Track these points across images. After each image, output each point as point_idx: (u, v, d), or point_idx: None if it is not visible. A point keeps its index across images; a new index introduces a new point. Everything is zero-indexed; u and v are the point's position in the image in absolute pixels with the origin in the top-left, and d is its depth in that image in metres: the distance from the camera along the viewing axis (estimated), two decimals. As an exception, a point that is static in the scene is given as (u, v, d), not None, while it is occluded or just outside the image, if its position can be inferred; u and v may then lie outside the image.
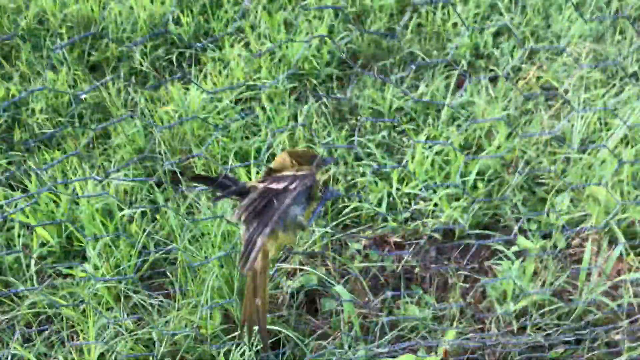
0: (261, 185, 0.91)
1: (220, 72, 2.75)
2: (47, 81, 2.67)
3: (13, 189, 2.20)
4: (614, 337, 1.64)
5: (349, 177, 2.21)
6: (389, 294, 1.70)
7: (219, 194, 0.92)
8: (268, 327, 1.62)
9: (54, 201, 2.04)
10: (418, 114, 2.45)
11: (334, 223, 2.02)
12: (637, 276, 1.72)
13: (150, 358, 1.50)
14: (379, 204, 2.10)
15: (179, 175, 2.25)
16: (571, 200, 2.06)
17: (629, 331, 1.62)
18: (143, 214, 2.08)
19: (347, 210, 2.07)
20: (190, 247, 1.81)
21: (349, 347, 1.63)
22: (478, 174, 2.14)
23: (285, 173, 0.93)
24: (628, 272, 1.77)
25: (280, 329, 1.63)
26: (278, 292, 1.79)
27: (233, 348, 1.55)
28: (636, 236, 1.90)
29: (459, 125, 2.37)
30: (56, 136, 2.49)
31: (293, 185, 0.88)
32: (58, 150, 2.39)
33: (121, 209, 2.01)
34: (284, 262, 1.87)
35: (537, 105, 2.49)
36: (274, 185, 0.89)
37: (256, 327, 0.91)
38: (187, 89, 2.59)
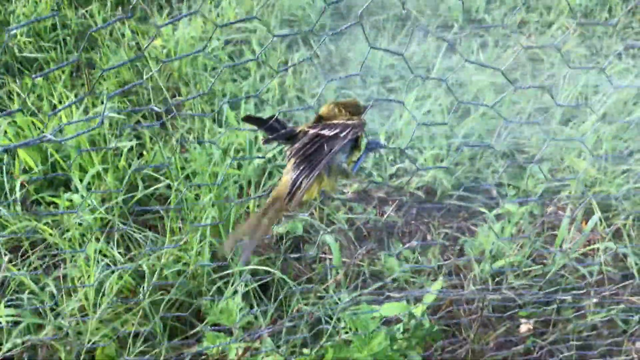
0: (312, 131, 0.93)
1: (210, 11, 2.69)
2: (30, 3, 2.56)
3: (-7, 112, 2.14)
4: (582, 302, 1.74)
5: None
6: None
7: (269, 136, 0.93)
8: (257, 266, 1.65)
9: (38, 127, 2.00)
10: (408, 72, 2.47)
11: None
12: (608, 246, 1.82)
13: (140, 290, 1.52)
14: (365, 160, 2.13)
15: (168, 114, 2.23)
16: (550, 170, 2.14)
17: (596, 297, 1.72)
18: (129, 150, 2.06)
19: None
20: (180, 187, 1.81)
21: (333, 292, 1.68)
22: (464, 137, 2.19)
23: (336, 121, 0.94)
24: (600, 242, 1.87)
25: (268, 269, 1.67)
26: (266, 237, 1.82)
27: (222, 285, 1.59)
28: (609, 209, 2.00)
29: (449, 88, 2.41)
30: (39, 60, 2.41)
31: (344, 133, 0.90)
32: (41, 77, 2.32)
33: (107, 142, 1.99)
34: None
35: (524, 76, 2.54)
36: (326, 132, 0.91)
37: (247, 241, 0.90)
38: (176, 28, 2.54)
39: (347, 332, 1.04)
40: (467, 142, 2.18)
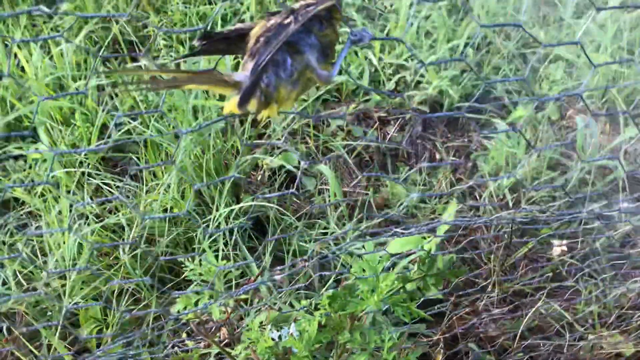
0: (269, 23, 0.71)
1: None
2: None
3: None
4: (609, 213, 1.57)
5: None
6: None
7: (202, 43, 0.71)
8: (248, 203, 1.49)
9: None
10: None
11: (313, 98, 1.85)
12: (636, 147, 1.64)
13: (120, 244, 1.36)
14: (360, 76, 1.93)
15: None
16: (566, 70, 1.93)
17: (625, 206, 1.56)
18: (99, 89, 1.86)
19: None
20: (158, 125, 1.63)
21: (337, 226, 1.53)
22: (467, 39, 1.97)
23: (298, 4, 0.73)
24: (627, 142, 1.68)
25: (264, 203, 1.51)
26: (258, 172, 1.65)
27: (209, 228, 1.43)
28: (636, 105, 1.80)
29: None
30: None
31: (304, 11, 0.69)
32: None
33: (75, 82, 1.79)
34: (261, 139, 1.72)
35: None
36: (286, 20, 0.70)
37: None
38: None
39: (353, 276, 0.89)
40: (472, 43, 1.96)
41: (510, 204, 1.56)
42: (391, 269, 1.06)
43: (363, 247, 0.95)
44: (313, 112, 1.83)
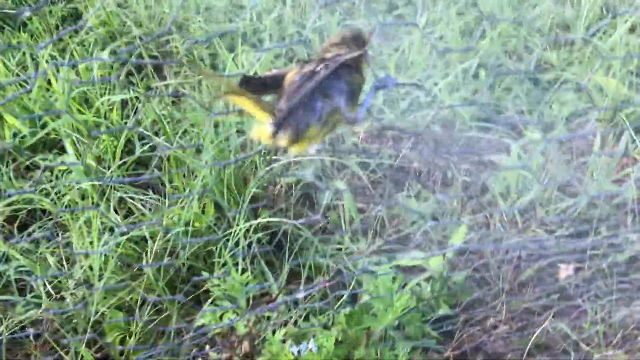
0: (303, 70, 0.77)
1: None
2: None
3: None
4: (618, 233, 1.62)
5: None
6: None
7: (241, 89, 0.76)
8: (267, 219, 1.55)
9: (22, 85, 1.87)
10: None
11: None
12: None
13: (144, 256, 1.42)
14: (375, 95, 1.98)
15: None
16: (576, 92, 1.97)
17: (633, 228, 1.60)
18: (123, 105, 1.93)
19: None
20: (181, 141, 1.69)
21: (351, 241, 1.58)
22: (480, 62, 2.02)
23: (329, 55, 0.79)
24: (633, 166, 1.73)
25: (280, 219, 1.56)
26: (273, 186, 1.71)
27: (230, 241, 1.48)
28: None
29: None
30: (21, 16, 2.26)
31: (334, 60, 0.75)
32: (23, 32, 2.18)
33: (100, 96, 1.86)
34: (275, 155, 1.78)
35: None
36: (316, 68, 0.76)
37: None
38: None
39: (368, 294, 0.94)
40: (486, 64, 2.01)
41: (520, 225, 1.61)
42: (405, 286, 1.11)
43: (377, 265, 1.00)
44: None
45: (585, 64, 2.02)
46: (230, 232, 1.46)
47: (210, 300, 1.30)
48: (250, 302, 1.35)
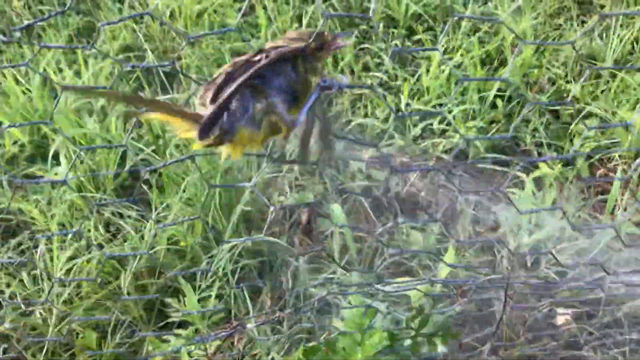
0: (237, 59, 0.69)
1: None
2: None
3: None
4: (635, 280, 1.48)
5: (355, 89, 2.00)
6: (400, 220, 1.54)
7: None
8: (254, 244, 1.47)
9: (24, 92, 1.85)
10: (437, 22, 2.20)
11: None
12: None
13: (123, 274, 1.35)
14: (386, 120, 1.90)
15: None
16: (599, 127, 1.86)
17: None
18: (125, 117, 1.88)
19: (351, 126, 1.88)
20: (176, 153, 1.63)
21: (345, 271, 1.48)
22: (499, 91, 1.93)
23: (269, 45, 0.71)
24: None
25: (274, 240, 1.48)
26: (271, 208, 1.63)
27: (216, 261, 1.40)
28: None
29: (480, 39, 2.13)
30: (35, 27, 2.26)
31: (272, 54, 0.66)
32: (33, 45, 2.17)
33: (104, 108, 1.82)
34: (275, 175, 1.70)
35: (569, 21, 2.23)
36: (251, 57, 0.67)
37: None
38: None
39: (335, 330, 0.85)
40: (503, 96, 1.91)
41: (529, 264, 1.49)
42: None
43: (348, 300, 0.90)
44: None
45: (612, 98, 1.91)
46: (214, 254, 1.39)
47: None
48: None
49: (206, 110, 0.66)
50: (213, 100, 0.66)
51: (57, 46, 2.03)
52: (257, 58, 0.67)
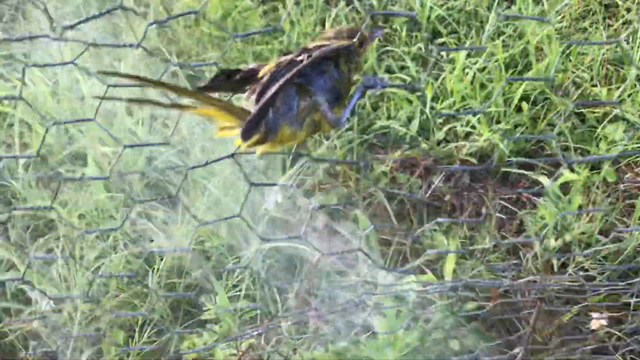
0: (282, 59, 0.70)
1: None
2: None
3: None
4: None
5: (377, 92, 2.00)
6: (428, 225, 1.53)
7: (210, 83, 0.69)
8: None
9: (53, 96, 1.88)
10: (460, 25, 2.19)
11: (358, 141, 1.84)
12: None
13: (150, 274, 1.36)
14: (409, 123, 1.90)
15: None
16: (626, 130, 1.84)
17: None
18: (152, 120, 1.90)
19: (374, 127, 1.88)
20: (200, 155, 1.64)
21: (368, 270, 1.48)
22: (523, 95, 1.92)
23: (313, 44, 0.71)
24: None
25: (296, 245, 1.48)
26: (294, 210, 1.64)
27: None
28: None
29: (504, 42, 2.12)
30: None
31: (316, 52, 0.66)
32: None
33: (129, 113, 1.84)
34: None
35: (594, 24, 2.21)
36: (300, 57, 0.68)
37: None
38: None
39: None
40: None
41: (555, 268, 1.48)
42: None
43: (376, 301, 0.90)
44: (358, 156, 1.81)
45: (639, 102, 1.89)
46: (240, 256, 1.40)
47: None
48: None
49: (252, 109, 0.67)
50: (258, 100, 0.66)
51: (103, 44, 2.05)
52: (300, 58, 0.68)
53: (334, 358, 0.86)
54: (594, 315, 1.28)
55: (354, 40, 0.69)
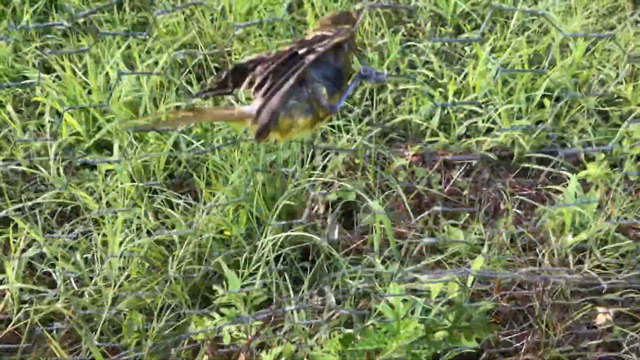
0: (283, 49, 0.72)
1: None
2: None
3: (48, 73, 2.09)
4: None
5: (400, 86, 2.01)
6: (438, 208, 1.54)
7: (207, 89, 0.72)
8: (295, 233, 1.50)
9: (84, 87, 1.93)
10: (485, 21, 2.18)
11: (378, 135, 1.86)
12: None
13: (170, 259, 1.40)
14: (430, 118, 1.91)
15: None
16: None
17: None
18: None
19: (395, 121, 1.90)
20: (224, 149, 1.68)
21: (384, 265, 1.50)
22: (546, 91, 1.91)
23: (313, 34, 0.73)
24: None
25: (312, 235, 1.51)
26: (312, 203, 1.66)
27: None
28: None
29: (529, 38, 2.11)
30: (93, 22, 2.35)
31: (320, 44, 0.68)
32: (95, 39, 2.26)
33: (155, 103, 1.89)
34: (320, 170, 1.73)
35: (622, 20, 2.19)
36: (300, 50, 0.70)
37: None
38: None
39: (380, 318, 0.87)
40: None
41: (571, 266, 1.48)
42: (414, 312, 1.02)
43: (386, 290, 0.92)
44: (377, 150, 1.82)
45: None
46: (259, 244, 1.43)
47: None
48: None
49: (255, 102, 0.69)
50: (264, 94, 0.69)
51: (115, 33, 2.10)
52: (302, 51, 0.70)
53: (343, 346, 0.88)
54: (600, 310, 1.28)
55: (353, 28, 0.71)
